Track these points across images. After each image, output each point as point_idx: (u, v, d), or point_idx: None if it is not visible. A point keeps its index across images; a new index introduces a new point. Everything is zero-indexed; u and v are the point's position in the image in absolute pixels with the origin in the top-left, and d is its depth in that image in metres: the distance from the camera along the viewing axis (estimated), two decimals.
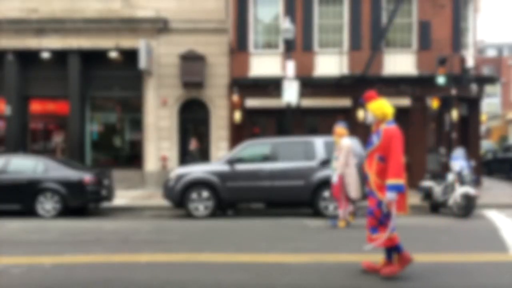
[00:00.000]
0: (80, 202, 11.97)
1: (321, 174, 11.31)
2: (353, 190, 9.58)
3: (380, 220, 5.54)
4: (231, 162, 11.48)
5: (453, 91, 16.71)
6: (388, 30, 16.87)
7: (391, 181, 5.34)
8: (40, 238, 8.56)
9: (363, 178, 6.95)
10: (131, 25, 17.60)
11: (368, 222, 5.64)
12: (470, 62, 18.38)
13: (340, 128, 9.77)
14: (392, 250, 5.61)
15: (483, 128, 31.02)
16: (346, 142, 9.61)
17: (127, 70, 17.89)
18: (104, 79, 18.20)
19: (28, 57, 18.05)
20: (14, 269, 6.12)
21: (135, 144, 18.72)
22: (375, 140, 5.60)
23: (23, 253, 7.14)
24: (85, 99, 18.21)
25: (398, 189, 5.35)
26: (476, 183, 13.18)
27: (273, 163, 11.51)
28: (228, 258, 6.36)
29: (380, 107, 5.65)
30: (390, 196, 5.35)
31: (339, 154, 9.61)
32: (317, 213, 11.21)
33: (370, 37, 17.43)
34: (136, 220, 11.33)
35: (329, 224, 9.75)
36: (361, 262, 5.89)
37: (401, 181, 5.35)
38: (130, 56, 17.47)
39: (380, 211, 5.52)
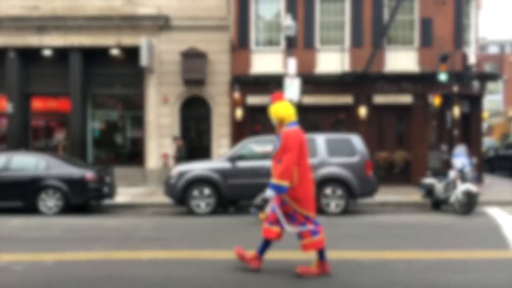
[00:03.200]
0: (82, 199, 11.99)
1: (323, 171, 11.30)
2: None
3: (302, 222, 5.52)
4: (233, 159, 11.48)
5: (455, 88, 16.68)
6: (389, 27, 16.83)
7: (275, 180, 5.36)
8: (42, 235, 8.58)
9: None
10: (132, 22, 17.58)
11: (268, 216, 5.63)
12: (472, 59, 18.34)
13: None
14: (318, 254, 5.60)
15: (484, 125, 30.94)
16: None
17: (128, 68, 17.89)
18: (106, 76, 18.20)
19: (29, 55, 18.05)
20: (16, 266, 6.13)
21: (136, 142, 18.72)
22: (277, 143, 5.60)
23: (25, 250, 7.15)
24: (86, 96, 18.22)
25: (279, 190, 5.35)
26: (478, 180, 13.20)
27: None
28: (229, 255, 6.36)
29: (276, 111, 5.62)
30: (268, 193, 5.38)
31: None
32: (319, 210, 11.20)
33: (372, 34, 17.40)
34: (137, 217, 11.35)
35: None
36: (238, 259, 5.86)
37: (284, 183, 5.33)
38: (131, 53, 17.46)
39: (292, 208, 5.50)
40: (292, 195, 5.46)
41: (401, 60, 17.40)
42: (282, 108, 5.63)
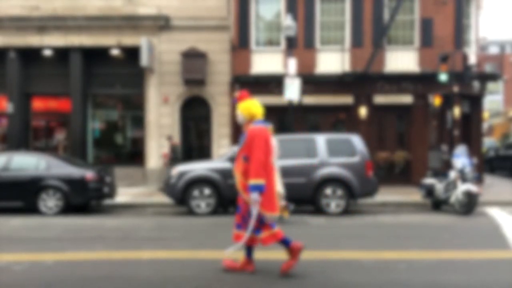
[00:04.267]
0: (82, 199, 11.98)
1: (323, 171, 11.30)
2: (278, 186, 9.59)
3: (245, 218, 5.49)
4: (233, 159, 11.46)
5: (455, 88, 16.68)
6: (390, 27, 16.83)
7: (251, 181, 5.33)
8: (42, 235, 8.58)
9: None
10: (132, 22, 17.59)
11: (235, 219, 5.61)
12: (472, 59, 18.34)
13: None
14: (281, 244, 5.53)
15: (485, 125, 30.96)
16: None
17: (129, 68, 17.90)
18: (106, 76, 18.20)
19: (30, 55, 18.06)
20: (16, 266, 6.13)
21: (136, 142, 18.73)
22: (242, 140, 5.59)
23: (25, 250, 7.15)
24: (86, 96, 18.22)
25: (258, 189, 5.32)
26: (478, 180, 13.19)
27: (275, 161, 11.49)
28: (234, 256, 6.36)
29: (247, 108, 5.65)
30: (252, 196, 5.32)
31: None
32: (319, 210, 11.21)
33: (372, 34, 17.40)
34: (138, 217, 11.34)
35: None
36: (222, 260, 5.80)
37: (261, 180, 5.32)
38: (132, 53, 17.47)
39: (247, 210, 5.48)
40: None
41: (402, 60, 17.40)
42: (254, 106, 5.68)
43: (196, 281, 5.41)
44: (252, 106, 5.68)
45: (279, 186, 9.46)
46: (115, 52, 17.94)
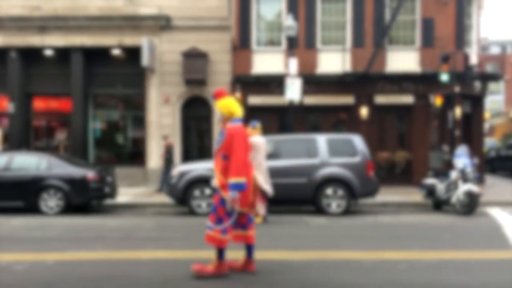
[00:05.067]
0: (83, 199, 11.99)
1: (324, 171, 11.30)
2: (268, 186, 9.60)
3: (220, 217, 5.45)
4: None
5: (457, 89, 16.66)
6: (391, 27, 16.82)
7: (232, 179, 5.32)
8: (43, 235, 8.58)
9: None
10: (133, 22, 17.60)
11: (209, 219, 5.56)
12: (473, 59, 18.33)
13: (249, 128, 9.81)
14: (217, 252, 5.52)
15: (486, 125, 30.92)
16: (253, 140, 9.59)
17: (130, 68, 17.91)
18: (107, 76, 18.21)
19: (31, 55, 18.08)
20: (17, 266, 6.14)
21: (137, 142, 18.74)
22: (220, 138, 5.58)
23: (26, 250, 7.16)
24: (87, 96, 18.24)
25: (239, 187, 5.32)
26: (479, 180, 13.18)
27: (276, 161, 11.50)
28: (229, 255, 6.36)
29: (227, 105, 5.61)
30: (231, 194, 5.33)
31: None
32: (320, 211, 11.21)
33: (373, 34, 17.39)
34: (138, 217, 11.34)
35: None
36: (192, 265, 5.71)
37: (242, 179, 5.32)
38: (133, 53, 17.48)
39: (223, 208, 5.45)
40: (228, 189, 5.41)
41: (403, 60, 17.39)
42: (232, 104, 5.64)
43: (196, 280, 5.41)
44: (231, 104, 5.63)
45: (267, 186, 9.58)
46: (116, 52, 17.95)
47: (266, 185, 9.53)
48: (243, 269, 5.71)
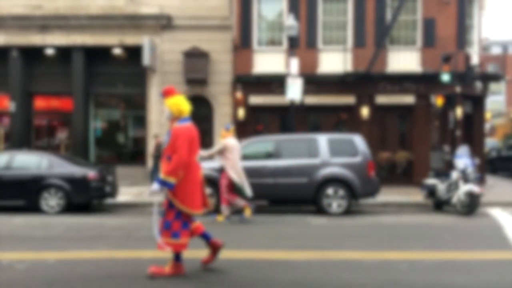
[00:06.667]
0: (84, 198, 12.00)
1: (325, 171, 11.30)
2: (246, 187, 10.05)
3: (169, 222, 5.44)
4: None
5: (458, 89, 16.66)
6: (392, 27, 16.81)
7: (163, 176, 5.32)
8: (44, 234, 8.59)
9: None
10: (135, 21, 17.61)
11: (160, 222, 5.56)
12: (474, 59, 18.32)
13: (222, 130, 10.34)
14: (174, 257, 5.54)
15: (487, 126, 30.88)
16: (225, 141, 10.03)
17: (131, 67, 17.91)
18: (108, 75, 18.22)
19: (32, 54, 18.09)
20: (19, 265, 6.14)
21: (138, 141, 18.75)
22: (166, 138, 5.52)
23: (27, 249, 7.17)
24: (88, 95, 18.25)
25: (165, 185, 5.31)
26: (480, 181, 13.17)
27: (277, 160, 11.50)
28: (230, 255, 6.36)
29: (176, 104, 5.52)
30: (154, 187, 5.36)
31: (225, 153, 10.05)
32: (320, 211, 11.21)
33: (374, 34, 17.38)
34: (139, 216, 11.34)
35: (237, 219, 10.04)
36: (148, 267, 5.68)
37: (171, 180, 5.28)
38: (134, 53, 17.48)
39: (172, 212, 5.43)
40: (176, 191, 5.39)
41: (404, 60, 17.38)
42: (182, 102, 5.56)
43: (196, 280, 5.42)
44: (181, 102, 5.54)
45: (247, 189, 9.94)
46: (117, 51, 17.95)
47: (247, 188, 10.02)
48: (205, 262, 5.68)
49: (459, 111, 17.13)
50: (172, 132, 5.44)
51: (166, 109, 5.57)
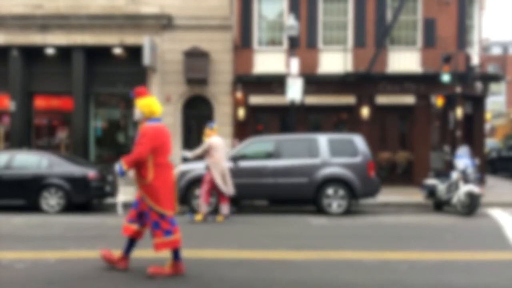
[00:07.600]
0: (84, 198, 12.01)
1: (325, 171, 11.30)
2: (228, 185, 10.21)
3: (156, 221, 5.46)
4: (235, 159, 11.47)
5: (458, 89, 16.66)
6: (392, 28, 16.82)
7: (122, 163, 5.45)
8: (44, 234, 8.59)
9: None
10: (135, 21, 17.60)
11: (129, 214, 5.70)
12: (475, 60, 18.32)
13: (206, 129, 10.34)
14: (172, 254, 5.60)
15: (487, 126, 30.89)
16: (210, 140, 10.06)
17: (131, 67, 17.90)
18: (108, 75, 18.21)
19: (32, 53, 18.08)
20: (19, 264, 6.14)
21: None
22: (136, 138, 5.58)
23: (28, 248, 7.16)
24: (89, 95, 18.24)
25: (119, 168, 5.48)
26: (480, 181, 13.16)
27: (277, 160, 11.51)
28: (231, 255, 6.37)
29: (148, 105, 5.59)
30: (116, 167, 5.52)
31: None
32: (321, 211, 11.21)
33: (375, 34, 17.38)
34: None
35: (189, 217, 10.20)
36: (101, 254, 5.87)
37: (124, 166, 5.44)
38: (134, 52, 17.47)
39: (154, 213, 5.46)
40: (148, 191, 5.46)
41: (404, 60, 17.38)
42: (153, 103, 5.63)
43: (197, 280, 5.42)
44: (152, 103, 5.62)
45: (225, 187, 10.05)
46: (117, 51, 17.95)
47: (225, 186, 10.11)
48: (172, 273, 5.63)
49: (459, 112, 17.13)
50: (141, 131, 5.52)
51: (137, 110, 5.64)
